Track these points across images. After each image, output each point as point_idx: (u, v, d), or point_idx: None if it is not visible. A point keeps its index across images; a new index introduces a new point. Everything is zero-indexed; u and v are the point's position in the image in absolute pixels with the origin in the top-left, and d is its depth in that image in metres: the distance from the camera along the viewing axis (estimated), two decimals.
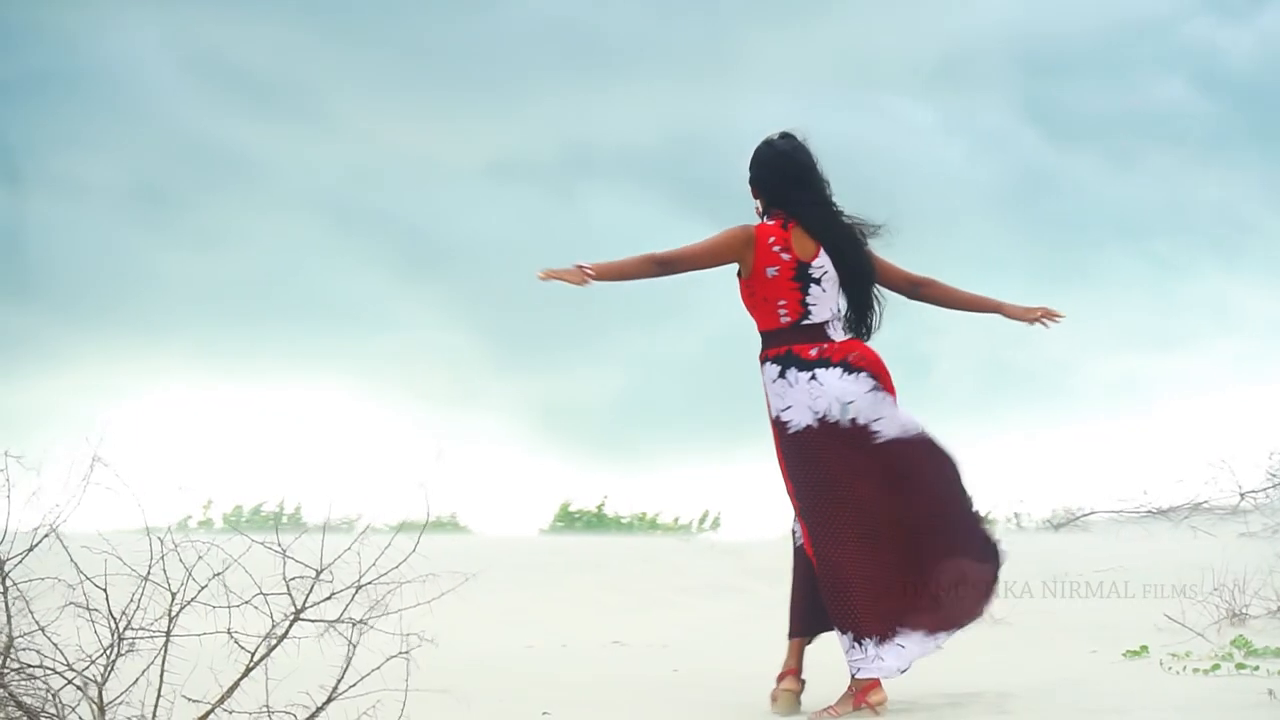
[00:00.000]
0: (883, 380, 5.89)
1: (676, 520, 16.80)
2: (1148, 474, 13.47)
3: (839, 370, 5.87)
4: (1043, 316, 6.22)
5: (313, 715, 4.33)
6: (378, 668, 4.40)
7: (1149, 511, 13.01)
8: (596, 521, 16.31)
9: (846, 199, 6.10)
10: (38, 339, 16.41)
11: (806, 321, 5.92)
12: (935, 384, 17.05)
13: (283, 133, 17.66)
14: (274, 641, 4.39)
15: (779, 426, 5.91)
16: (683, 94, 17.48)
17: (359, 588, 4.41)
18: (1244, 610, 8.27)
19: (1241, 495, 12.70)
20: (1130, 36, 18.13)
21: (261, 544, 4.43)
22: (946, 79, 18.22)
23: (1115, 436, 15.82)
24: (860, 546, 5.79)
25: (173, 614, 4.33)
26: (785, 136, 6.14)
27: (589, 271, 5.86)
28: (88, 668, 4.34)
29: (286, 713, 4.35)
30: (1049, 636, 8.34)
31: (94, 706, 4.30)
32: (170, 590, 4.34)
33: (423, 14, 17.31)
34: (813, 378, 5.87)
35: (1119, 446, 15.34)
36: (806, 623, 5.95)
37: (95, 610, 4.38)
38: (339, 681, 4.38)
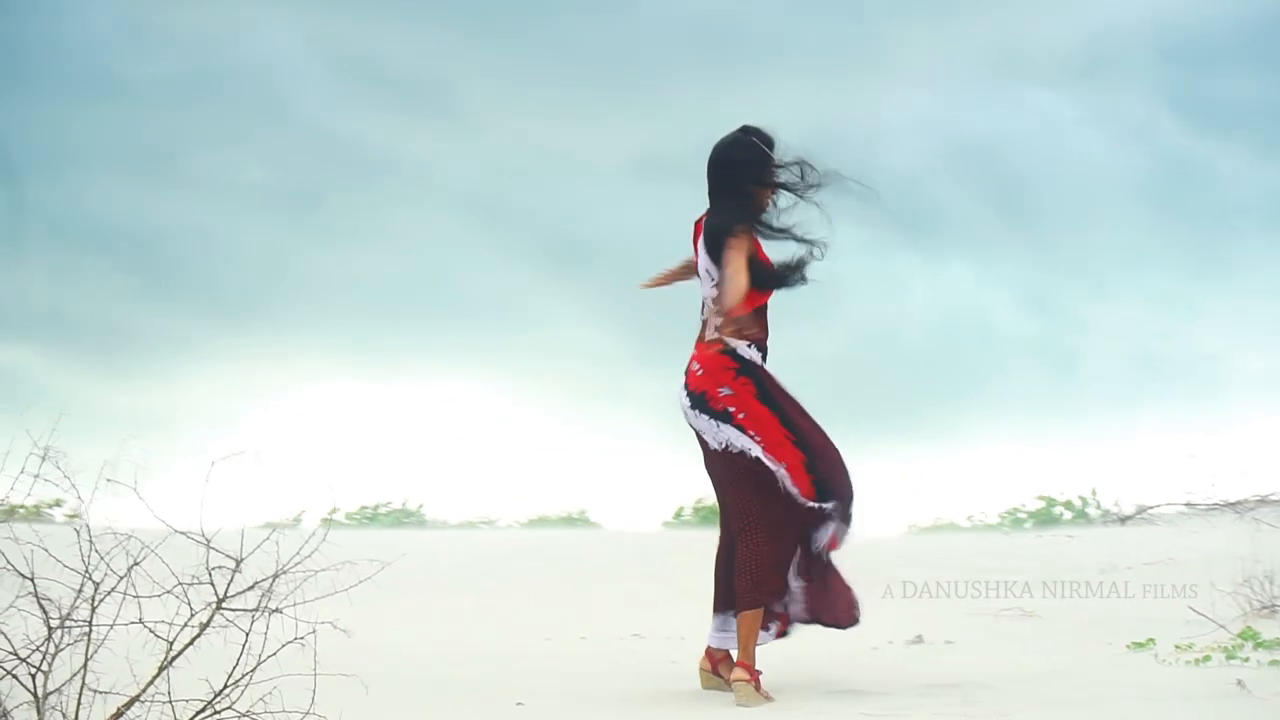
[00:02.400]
0: (708, 396, 5.96)
1: None
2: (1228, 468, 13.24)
3: (682, 379, 6.08)
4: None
5: (212, 699, 4.42)
6: (273, 653, 4.45)
7: (1214, 504, 12.81)
8: (711, 515, 16.36)
9: (988, 192, 6.13)
10: (183, 337, 16.82)
11: (702, 317, 6.14)
12: (1083, 379, 16.92)
13: (426, 131, 17.81)
14: (196, 631, 4.48)
15: None
16: (825, 89, 17.42)
17: (275, 576, 4.48)
18: (1275, 602, 8.12)
19: None
20: (1274, 24, 17.75)
21: (184, 534, 4.51)
22: (1089, 71, 18.01)
23: (1271, 432, 15.54)
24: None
25: (95, 604, 4.43)
26: (741, 130, 6.13)
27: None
28: (30, 656, 4.45)
29: (195, 700, 4.44)
30: (1071, 630, 8.25)
31: (33, 697, 4.41)
32: (94, 581, 4.45)
33: (565, 11, 17.38)
34: None
35: (1267, 442, 15.09)
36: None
37: (46, 599, 4.51)
38: (232, 671, 4.46)
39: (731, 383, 5.93)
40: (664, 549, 11.96)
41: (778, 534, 5.90)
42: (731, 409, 5.90)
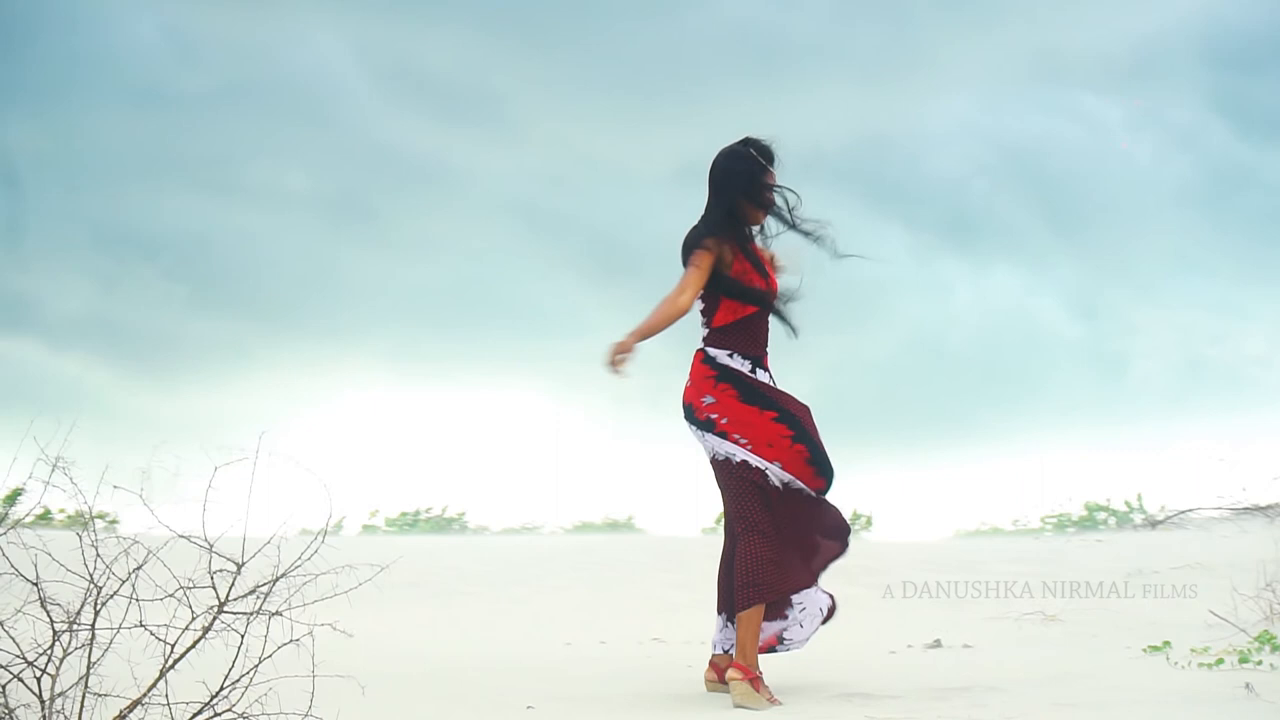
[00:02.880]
0: (694, 407, 6.01)
1: None
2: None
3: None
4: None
5: (210, 700, 4.46)
6: (269, 656, 4.49)
7: (1245, 509, 12.74)
8: None
9: (1035, 196, 6.13)
10: (229, 344, 16.92)
11: None
12: (1131, 383, 16.86)
13: (473, 139, 17.80)
14: (199, 634, 4.52)
15: None
16: (871, 95, 17.46)
17: (275, 580, 4.52)
18: None
19: None
20: None
21: (186, 538, 4.56)
22: (1135, 75, 17.96)
23: None
24: None
25: (98, 608, 4.48)
26: (742, 141, 6.14)
27: None
28: (36, 659, 4.50)
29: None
30: (1092, 633, 8.24)
31: (38, 700, 4.47)
32: (97, 585, 4.50)
33: (608, 19, 17.38)
34: None
35: None
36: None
37: (54, 604, 4.56)
38: (229, 672, 4.50)
39: (712, 390, 5.95)
40: (698, 554, 11.95)
41: (775, 534, 5.92)
42: (714, 416, 5.92)
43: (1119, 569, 10.65)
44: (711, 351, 6.02)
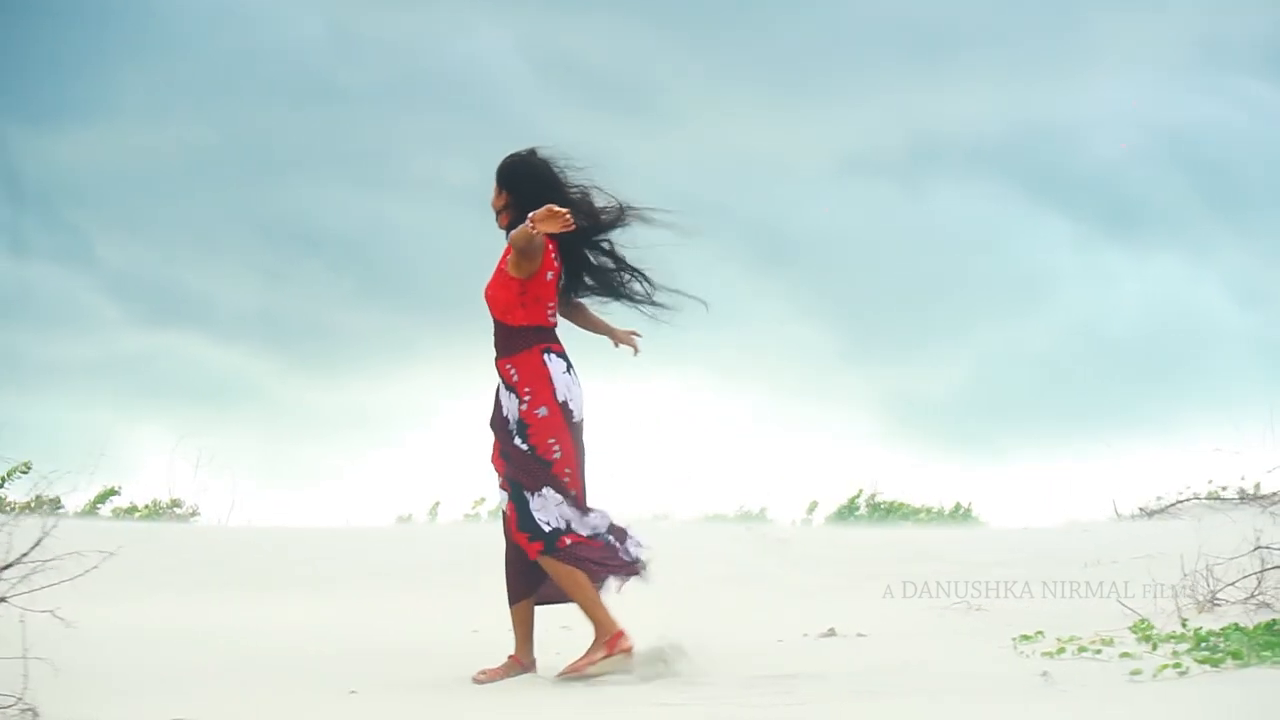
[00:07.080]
0: None
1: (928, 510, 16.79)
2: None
3: None
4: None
5: None
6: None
7: (1239, 498, 12.43)
8: (847, 512, 16.47)
9: (1198, 182, 6.11)
10: (395, 337, 17.25)
11: (556, 322, 6.55)
12: None
13: (632, 130, 17.96)
14: None
15: (566, 413, 6.37)
16: (1029, 81, 17.52)
17: (6, 566, 4.64)
18: (1213, 597, 7.98)
19: None
20: None
21: None
22: None
23: None
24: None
25: None
26: (533, 152, 6.79)
27: None
28: None
29: None
30: (1009, 623, 8.10)
31: None
32: None
33: (766, 8, 17.56)
34: (570, 371, 6.48)
35: None
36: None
37: None
38: None
39: None
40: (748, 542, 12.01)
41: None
42: None
43: (1080, 559, 10.52)
44: None
